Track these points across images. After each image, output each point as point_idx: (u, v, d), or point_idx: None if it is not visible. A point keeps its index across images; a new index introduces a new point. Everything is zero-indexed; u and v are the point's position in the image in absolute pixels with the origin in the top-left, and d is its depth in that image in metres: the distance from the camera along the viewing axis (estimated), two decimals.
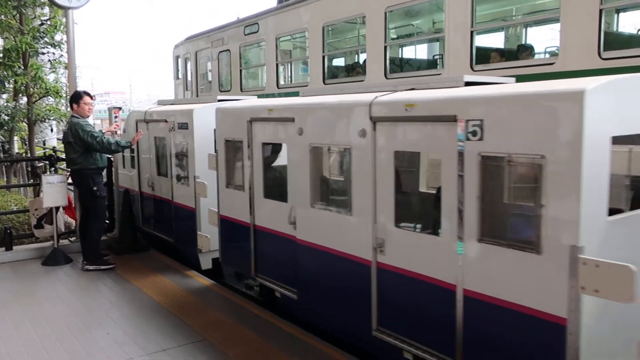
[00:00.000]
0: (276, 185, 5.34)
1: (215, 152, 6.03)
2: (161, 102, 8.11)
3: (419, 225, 4.12)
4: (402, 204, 4.07)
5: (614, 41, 6.08)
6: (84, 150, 6.79)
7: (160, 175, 7.46)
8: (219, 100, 6.69)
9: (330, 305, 4.57)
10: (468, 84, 3.78)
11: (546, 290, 2.93)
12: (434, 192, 4.13)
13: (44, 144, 16.23)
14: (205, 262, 6.80)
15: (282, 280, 5.22)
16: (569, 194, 2.80)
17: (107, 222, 8.06)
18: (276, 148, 5.66)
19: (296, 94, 9.49)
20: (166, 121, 7.07)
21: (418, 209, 4.76)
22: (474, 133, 3.22)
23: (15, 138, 12.17)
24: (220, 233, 6.11)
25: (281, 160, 5.44)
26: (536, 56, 6.98)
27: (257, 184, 5.38)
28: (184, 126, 6.71)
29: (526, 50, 7.37)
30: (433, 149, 3.83)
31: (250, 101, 6.30)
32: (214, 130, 6.17)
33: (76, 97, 7.04)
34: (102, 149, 6.82)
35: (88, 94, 7.13)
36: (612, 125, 2.89)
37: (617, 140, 2.92)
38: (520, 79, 4.16)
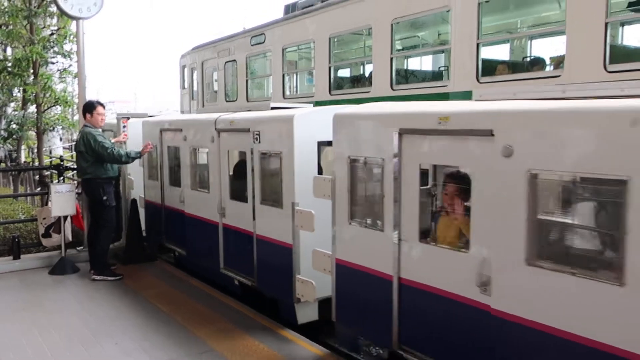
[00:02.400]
0: None
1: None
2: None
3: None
4: None
5: (619, 54, 6.11)
6: (95, 160, 6.85)
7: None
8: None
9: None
10: (274, 108, 5.71)
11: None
12: None
13: (50, 153, 16.34)
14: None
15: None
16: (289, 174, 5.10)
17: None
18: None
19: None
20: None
21: None
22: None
23: (22, 147, 12.27)
24: None
25: None
26: (542, 68, 7.02)
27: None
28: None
29: (532, 63, 7.42)
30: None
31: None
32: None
33: (89, 107, 7.12)
34: (112, 159, 6.89)
35: (101, 104, 7.23)
36: (317, 134, 4.99)
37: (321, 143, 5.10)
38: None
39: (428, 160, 4.01)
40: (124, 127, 8.09)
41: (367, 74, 9.57)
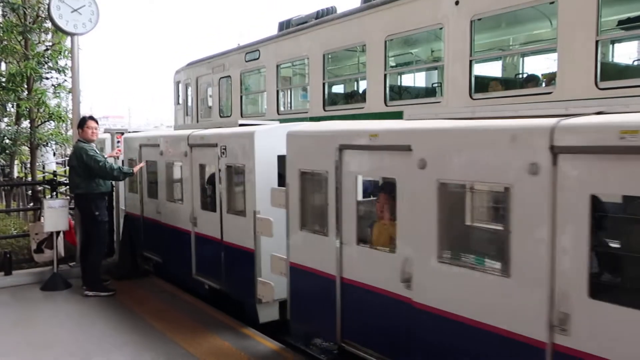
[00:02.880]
0: None
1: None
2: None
3: None
4: None
5: (610, 71, 6.20)
6: (87, 175, 6.84)
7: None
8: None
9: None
10: (241, 125, 6.11)
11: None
12: None
13: (44, 168, 16.26)
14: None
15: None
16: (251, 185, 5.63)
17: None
18: None
19: (296, 120, 9.60)
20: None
21: None
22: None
23: (15, 162, 12.22)
24: None
25: None
26: (534, 85, 7.10)
27: None
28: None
29: (524, 80, 7.50)
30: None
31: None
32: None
33: (81, 122, 7.16)
34: (103, 174, 6.87)
35: (92, 119, 7.25)
36: (276, 149, 5.30)
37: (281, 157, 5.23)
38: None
39: (362, 172, 4.43)
40: (118, 142, 8.10)
41: (361, 90, 9.64)
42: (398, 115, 5.13)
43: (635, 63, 7.40)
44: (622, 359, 2.70)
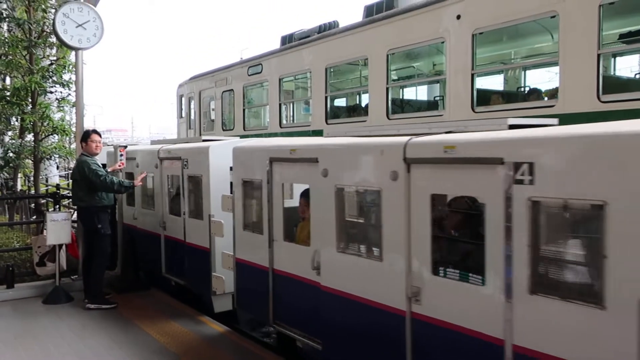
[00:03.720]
0: None
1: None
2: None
3: None
4: None
5: (612, 85, 6.21)
6: (90, 188, 6.86)
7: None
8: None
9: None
10: (205, 140, 7.02)
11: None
12: None
13: (47, 181, 16.31)
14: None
15: None
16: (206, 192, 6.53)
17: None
18: None
19: (297, 134, 9.64)
20: None
21: None
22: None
23: (19, 175, 12.26)
24: None
25: None
26: (536, 99, 7.11)
27: None
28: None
29: (526, 93, 7.52)
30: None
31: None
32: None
33: (85, 136, 7.19)
34: (104, 187, 6.91)
35: (96, 132, 7.30)
36: (229, 162, 5.93)
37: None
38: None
39: (287, 180, 5.29)
40: (121, 155, 8.12)
41: (363, 104, 9.67)
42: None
43: (637, 76, 7.42)
44: (459, 320, 3.49)
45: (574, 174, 2.86)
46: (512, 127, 3.57)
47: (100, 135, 7.34)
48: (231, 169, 6.06)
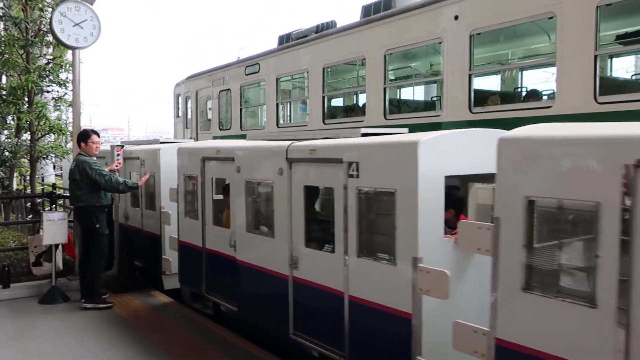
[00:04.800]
0: None
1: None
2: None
3: None
4: None
5: (609, 86, 6.22)
6: (90, 188, 6.86)
7: None
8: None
9: None
10: (163, 142, 8.11)
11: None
12: None
13: (43, 181, 16.25)
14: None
15: None
16: (158, 187, 7.71)
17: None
18: None
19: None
20: None
21: None
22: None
23: (15, 174, 12.20)
24: None
25: None
26: (534, 100, 7.12)
27: None
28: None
29: (523, 94, 7.53)
30: None
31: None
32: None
33: (84, 136, 7.16)
34: (109, 187, 6.95)
35: (96, 133, 7.32)
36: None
37: None
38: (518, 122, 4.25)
39: (215, 176, 6.46)
40: (118, 155, 8.10)
41: (360, 104, 9.67)
42: (397, 128, 5.18)
43: (634, 77, 7.45)
44: (321, 280, 4.64)
45: (377, 170, 4.12)
46: (364, 135, 4.57)
47: (99, 136, 7.35)
48: None
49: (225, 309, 6.23)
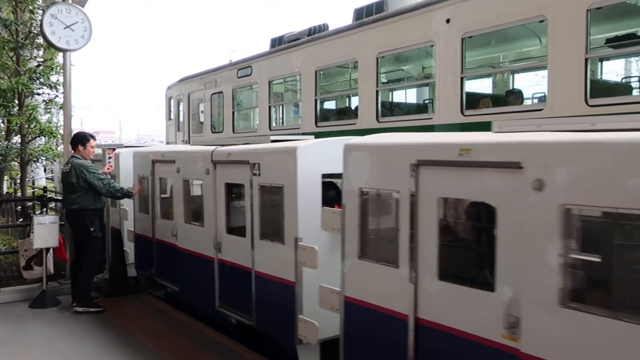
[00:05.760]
0: None
1: None
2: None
3: None
4: None
5: (600, 89, 6.28)
6: (86, 191, 6.82)
7: None
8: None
9: None
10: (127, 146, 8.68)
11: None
12: None
13: (33, 184, 16.13)
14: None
15: None
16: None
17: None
18: None
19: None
20: None
21: None
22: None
23: (5, 178, 12.11)
24: None
25: None
26: (525, 102, 7.17)
27: None
28: None
29: (515, 96, 7.57)
30: None
31: None
32: None
33: (83, 139, 7.13)
34: (107, 192, 6.97)
35: (93, 137, 7.29)
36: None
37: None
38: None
39: (161, 175, 7.21)
40: (110, 158, 8.06)
41: (353, 107, 9.69)
42: (390, 131, 5.18)
43: (624, 80, 7.51)
44: (237, 260, 5.58)
45: (272, 170, 5.06)
46: (273, 141, 5.45)
47: (95, 139, 7.36)
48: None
49: (171, 290, 7.08)
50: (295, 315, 4.68)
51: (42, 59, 10.29)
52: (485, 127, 5.49)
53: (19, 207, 11.81)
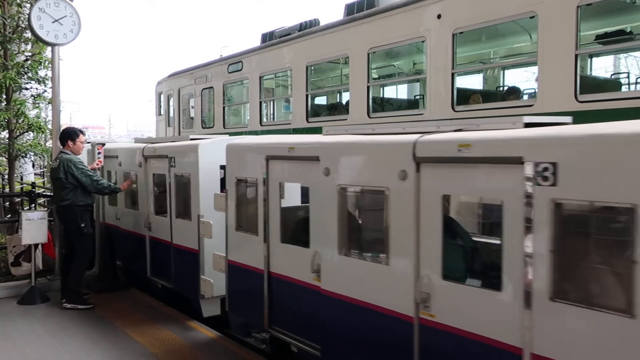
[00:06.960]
0: None
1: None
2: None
3: None
4: None
5: (589, 85, 6.31)
6: (74, 187, 6.77)
7: None
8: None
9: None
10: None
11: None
12: None
13: (22, 180, 15.97)
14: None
15: None
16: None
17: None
18: None
19: (278, 132, 9.61)
20: None
21: None
22: None
23: None
24: None
25: None
26: (515, 98, 7.19)
27: None
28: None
29: (505, 92, 7.60)
30: None
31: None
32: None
33: (72, 135, 7.06)
34: (94, 189, 6.92)
35: (83, 132, 7.25)
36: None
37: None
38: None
39: (125, 169, 7.89)
40: (99, 153, 8.01)
41: (344, 102, 9.67)
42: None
43: (614, 77, 7.55)
44: (162, 236, 6.88)
45: (183, 162, 6.38)
46: (192, 139, 6.57)
47: (85, 135, 7.29)
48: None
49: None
50: (198, 276, 6.12)
51: (30, 53, 10.19)
52: None
53: (7, 203, 11.68)
